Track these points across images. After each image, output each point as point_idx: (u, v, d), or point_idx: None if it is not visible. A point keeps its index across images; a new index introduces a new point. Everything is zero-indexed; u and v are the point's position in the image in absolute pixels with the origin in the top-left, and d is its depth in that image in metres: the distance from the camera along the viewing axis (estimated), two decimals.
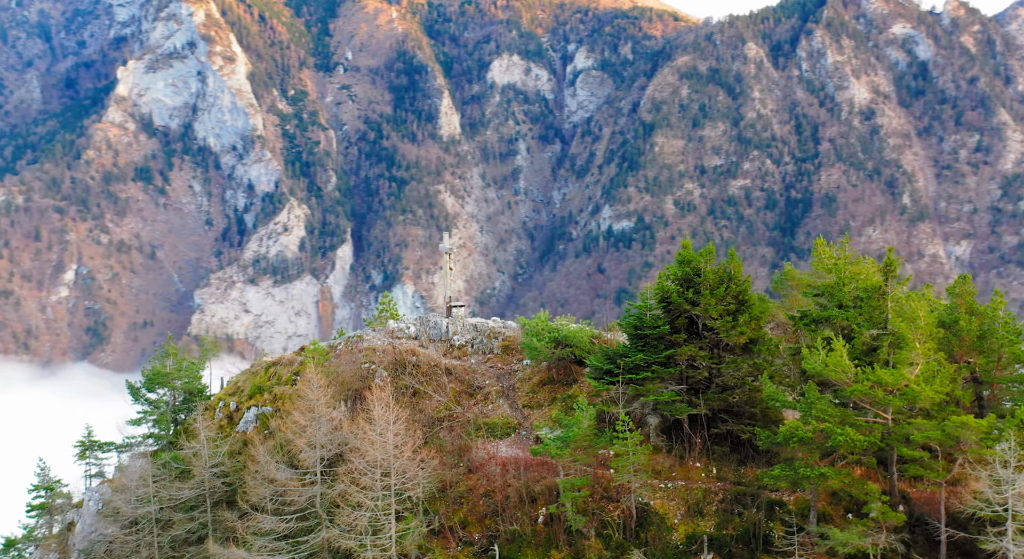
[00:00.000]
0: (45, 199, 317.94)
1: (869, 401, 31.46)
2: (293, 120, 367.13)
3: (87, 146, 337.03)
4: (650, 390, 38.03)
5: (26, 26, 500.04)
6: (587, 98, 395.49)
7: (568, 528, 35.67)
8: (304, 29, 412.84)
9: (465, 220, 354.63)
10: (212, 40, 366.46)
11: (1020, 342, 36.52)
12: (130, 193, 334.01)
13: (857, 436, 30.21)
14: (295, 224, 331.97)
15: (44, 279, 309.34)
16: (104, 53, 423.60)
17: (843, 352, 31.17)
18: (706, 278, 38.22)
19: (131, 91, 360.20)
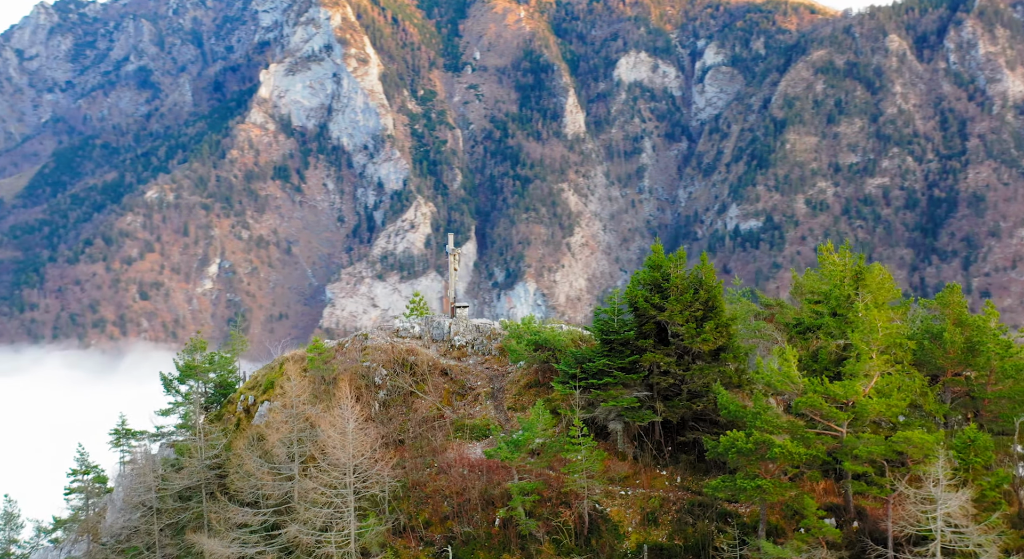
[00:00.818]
0: (193, 196, 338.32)
1: (818, 414, 30.61)
2: (422, 120, 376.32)
3: (231, 146, 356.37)
4: (611, 395, 37.58)
5: (181, 33, 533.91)
6: (716, 95, 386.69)
7: (521, 532, 35.66)
8: (434, 30, 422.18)
9: (588, 218, 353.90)
10: (347, 43, 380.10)
11: (1012, 356, 34.50)
12: (269, 191, 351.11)
13: (796, 449, 29.43)
14: (421, 221, 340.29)
15: (191, 272, 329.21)
16: (249, 57, 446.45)
17: (793, 363, 30.56)
18: (673, 283, 37.40)
19: (272, 93, 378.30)
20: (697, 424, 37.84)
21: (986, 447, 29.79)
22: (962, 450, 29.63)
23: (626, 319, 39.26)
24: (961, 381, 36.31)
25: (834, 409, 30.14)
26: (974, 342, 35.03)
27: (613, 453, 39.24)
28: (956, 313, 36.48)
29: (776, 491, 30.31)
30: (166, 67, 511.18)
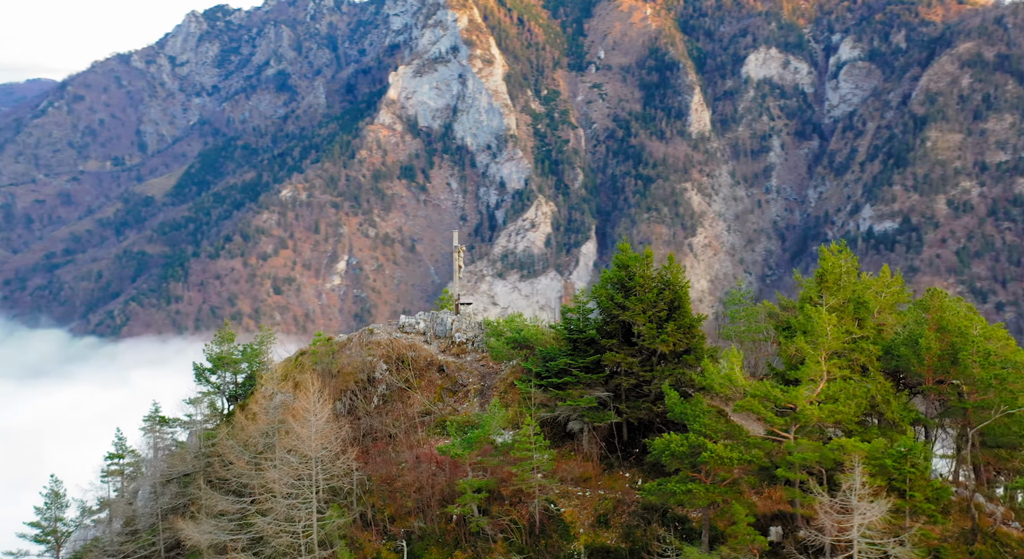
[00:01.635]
0: (324, 195, 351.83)
1: (758, 418, 29.47)
2: (544, 119, 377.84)
3: (361, 146, 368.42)
4: (570, 395, 36.90)
5: (317, 38, 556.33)
6: (850, 91, 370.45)
7: (472, 530, 35.29)
8: (559, 30, 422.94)
9: (712, 218, 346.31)
10: (473, 44, 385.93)
11: (995, 366, 32.19)
12: (395, 190, 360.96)
13: (727, 453, 28.46)
14: (542, 221, 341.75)
15: (321, 268, 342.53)
16: (380, 60, 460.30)
17: (736, 366, 29.62)
18: (637, 283, 36.57)
19: (400, 95, 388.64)
20: (664, 426, 36.96)
21: (924, 458, 28.34)
22: (898, 460, 28.18)
23: (593, 318, 38.58)
24: (940, 389, 34.65)
25: (771, 414, 29.08)
26: (953, 350, 33.55)
27: (579, 454, 38.57)
28: (936, 318, 34.76)
29: (706, 496, 29.59)
30: (303, 71, 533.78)
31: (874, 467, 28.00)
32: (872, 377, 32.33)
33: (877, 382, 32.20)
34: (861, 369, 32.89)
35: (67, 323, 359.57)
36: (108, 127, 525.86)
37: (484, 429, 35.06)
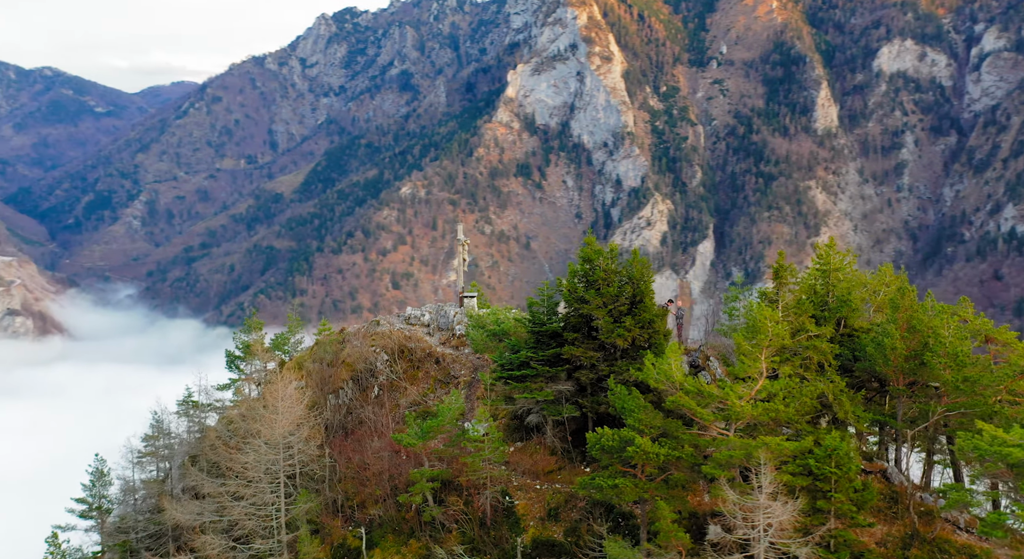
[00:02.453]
0: (442, 192, 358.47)
1: (690, 414, 28.87)
2: (663, 116, 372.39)
3: (478, 144, 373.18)
4: (529, 387, 36.50)
5: (440, 38, 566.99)
6: (994, 84, 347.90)
7: (432, 519, 35.56)
8: (680, 25, 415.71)
9: (837, 218, 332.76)
10: (592, 41, 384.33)
11: (964, 369, 30.35)
12: (511, 187, 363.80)
13: (654, 448, 28.09)
14: (658, 219, 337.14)
15: (438, 264, 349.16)
16: (500, 58, 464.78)
17: (673, 360, 29.27)
18: (598, 276, 35.78)
19: (518, 93, 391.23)
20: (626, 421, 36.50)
21: (849, 458, 27.26)
22: (821, 460, 27.17)
23: (560, 312, 38.42)
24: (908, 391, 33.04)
25: (700, 410, 28.47)
26: (920, 351, 31.92)
27: (544, 447, 38.73)
28: (906, 318, 32.89)
29: (635, 491, 29.16)
30: (425, 70, 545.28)
31: (798, 467, 27.62)
32: (827, 376, 31.32)
33: (830, 381, 31.14)
34: (818, 367, 31.99)
35: (202, 313, 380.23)
36: (243, 127, 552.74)
37: (440, 419, 35.44)
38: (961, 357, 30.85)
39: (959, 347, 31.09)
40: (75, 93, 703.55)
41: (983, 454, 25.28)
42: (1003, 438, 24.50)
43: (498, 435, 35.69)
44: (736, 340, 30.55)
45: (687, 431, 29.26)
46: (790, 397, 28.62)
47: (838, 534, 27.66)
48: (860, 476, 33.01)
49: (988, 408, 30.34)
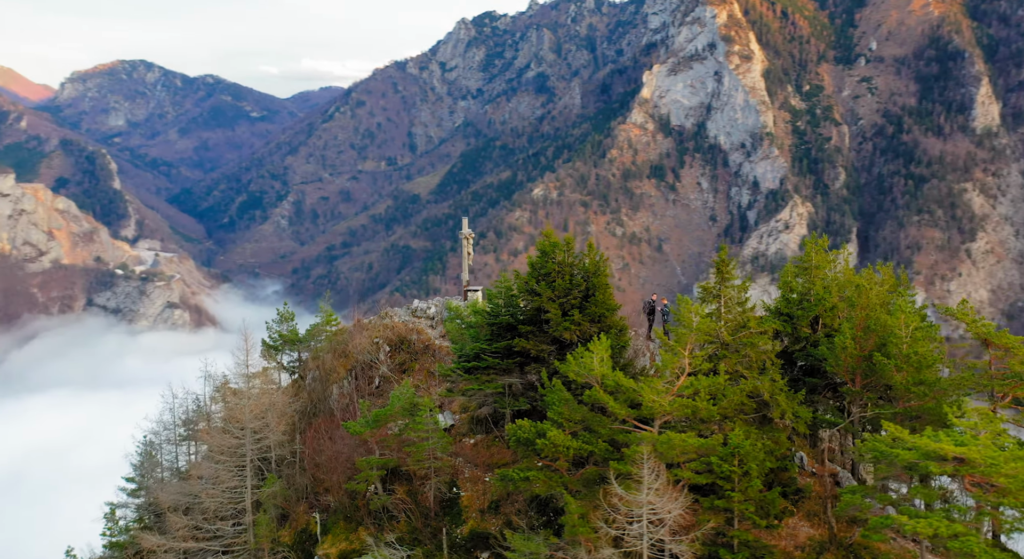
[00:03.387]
0: (574, 194, 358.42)
1: (604, 408, 28.75)
2: (805, 116, 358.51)
3: (612, 146, 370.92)
4: (479, 380, 35.99)
5: (577, 39, 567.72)
6: None
7: (380, 508, 35.58)
8: (827, 22, 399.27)
9: (996, 223, 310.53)
10: (731, 40, 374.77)
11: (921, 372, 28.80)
12: (644, 189, 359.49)
13: (566, 442, 27.91)
14: (797, 222, 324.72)
15: None
16: (636, 59, 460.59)
17: (595, 354, 28.69)
18: (550, 268, 34.90)
19: (653, 94, 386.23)
20: None
21: (753, 458, 26.57)
22: (725, 458, 26.78)
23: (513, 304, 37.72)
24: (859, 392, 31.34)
25: (613, 404, 27.88)
26: (871, 351, 30.30)
27: (502, 440, 38.17)
28: (863, 316, 31.09)
29: (544, 485, 28.86)
30: (561, 72, 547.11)
31: (701, 465, 26.99)
32: (768, 374, 29.79)
33: (770, 380, 29.59)
34: (760, 366, 30.69)
35: (342, 310, 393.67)
36: (384, 130, 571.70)
37: (388, 408, 35.50)
38: (917, 359, 29.20)
39: (917, 348, 29.44)
40: (233, 99, 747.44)
41: (878, 456, 23.99)
42: (904, 440, 23.11)
43: (442, 425, 35.81)
44: (656, 335, 29.67)
45: (607, 426, 28.75)
46: (720, 394, 28.11)
47: (737, 535, 26.98)
48: (811, 479, 33.07)
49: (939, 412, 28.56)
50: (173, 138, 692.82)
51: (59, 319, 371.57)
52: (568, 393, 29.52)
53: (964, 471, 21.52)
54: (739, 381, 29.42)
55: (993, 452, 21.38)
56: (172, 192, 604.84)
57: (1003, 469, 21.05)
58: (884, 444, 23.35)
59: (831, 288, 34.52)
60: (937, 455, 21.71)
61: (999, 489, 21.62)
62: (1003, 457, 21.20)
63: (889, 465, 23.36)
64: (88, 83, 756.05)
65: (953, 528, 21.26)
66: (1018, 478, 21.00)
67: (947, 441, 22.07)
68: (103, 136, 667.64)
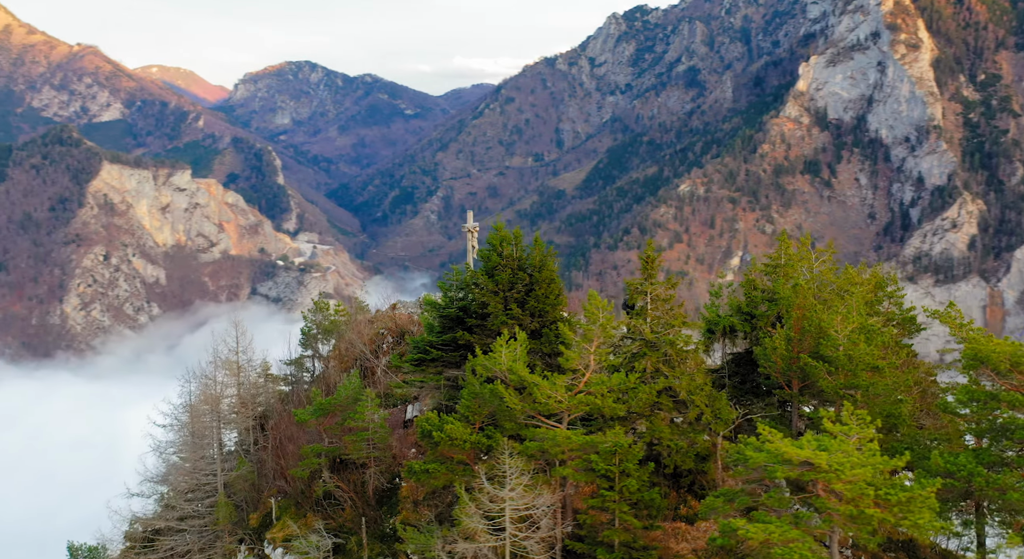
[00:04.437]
0: (722, 190, 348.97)
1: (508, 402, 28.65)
2: (978, 107, 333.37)
3: (763, 140, 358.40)
4: (424, 371, 36.39)
5: (730, 31, 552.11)
6: None
7: (326, 496, 35.74)
8: (1008, 5, 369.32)
9: None
10: (897, 28, 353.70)
11: (857, 374, 28.06)
12: (797, 185, 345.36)
13: (463, 435, 28.31)
14: (966, 220, 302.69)
15: (714, 263, 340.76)
16: (792, 51, 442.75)
17: (502, 350, 29.01)
18: (494, 262, 35.20)
19: (809, 86, 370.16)
20: None
21: (634, 454, 26.72)
22: (604, 456, 26.84)
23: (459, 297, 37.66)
24: (796, 395, 30.25)
25: (511, 398, 27.95)
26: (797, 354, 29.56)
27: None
28: (798, 318, 30.02)
29: (444, 476, 29.19)
30: (713, 66, 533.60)
31: (582, 462, 27.09)
32: (682, 373, 29.61)
33: (688, 378, 29.37)
34: (670, 364, 30.13)
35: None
36: (532, 126, 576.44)
37: (334, 398, 36.05)
38: (853, 362, 27.93)
39: (854, 350, 28.17)
40: (389, 97, 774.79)
41: (737, 458, 23.30)
42: (769, 447, 22.00)
43: (383, 415, 35.92)
44: (563, 331, 29.48)
45: (514, 420, 28.83)
46: (632, 392, 27.55)
47: (610, 535, 26.74)
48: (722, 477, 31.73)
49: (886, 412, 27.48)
50: (333, 135, 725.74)
51: (227, 307, 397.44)
52: (481, 387, 29.71)
53: (808, 476, 20.89)
54: (659, 379, 28.74)
55: (841, 458, 20.58)
56: (331, 187, 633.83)
57: (844, 475, 20.21)
58: (751, 447, 22.79)
59: (803, 288, 33.06)
60: (784, 459, 21.02)
61: (837, 495, 20.93)
62: (848, 463, 20.45)
63: (746, 468, 23.01)
64: (258, 84, 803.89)
65: (787, 535, 20.34)
66: (856, 485, 20.17)
67: (806, 446, 21.29)
68: (270, 134, 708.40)
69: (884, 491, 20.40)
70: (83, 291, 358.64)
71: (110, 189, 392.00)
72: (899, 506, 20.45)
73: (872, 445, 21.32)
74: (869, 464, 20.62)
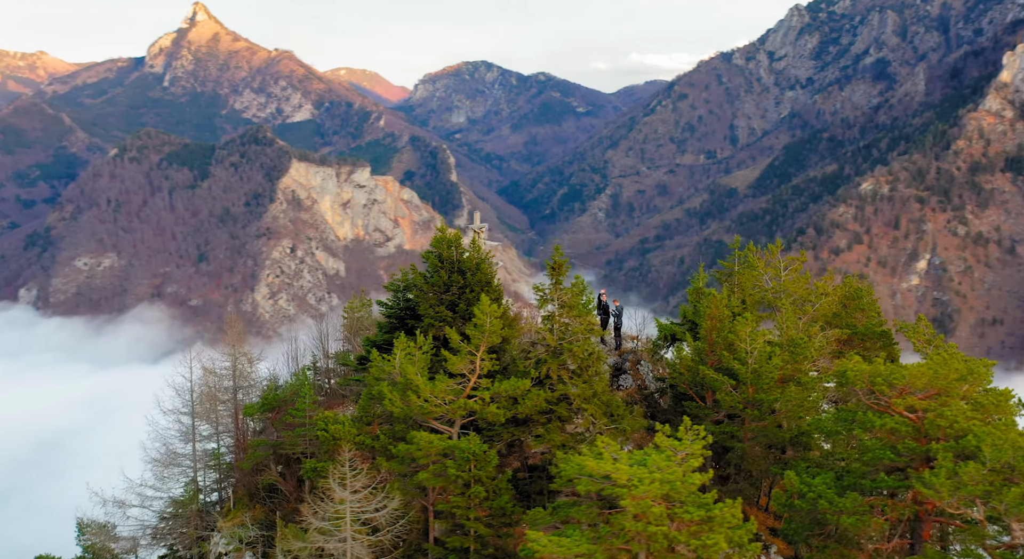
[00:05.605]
0: (908, 189, 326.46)
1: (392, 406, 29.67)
2: None
3: (958, 136, 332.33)
4: (366, 369, 34.58)
5: (926, 20, 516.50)
6: None
7: (272, 487, 36.87)
8: None
9: None
10: None
11: (761, 391, 27.03)
12: (996, 184, 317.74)
13: (346, 436, 29.33)
14: None
15: (897, 266, 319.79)
16: (997, 39, 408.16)
17: (398, 352, 29.87)
18: (431, 265, 35.12)
19: (1015, 77, 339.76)
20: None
21: (488, 461, 26.74)
22: (459, 462, 27.23)
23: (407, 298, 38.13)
24: (709, 409, 29.91)
25: (388, 401, 28.67)
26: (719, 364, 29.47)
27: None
28: (708, 328, 29.79)
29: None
30: (904, 57, 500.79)
31: (438, 467, 27.76)
32: (580, 381, 29.38)
33: (584, 386, 29.17)
34: (578, 370, 30.06)
35: (651, 302, 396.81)
36: (705, 123, 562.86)
37: (279, 393, 36.81)
38: (762, 375, 26.73)
39: (764, 365, 26.95)
40: (562, 95, 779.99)
41: (554, 471, 23.54)
42: (575, 459, 21.65)
43: (319, 412, 36.29)
44: (449, 334, 29.60)
45: (401, 423, 29.18)
46: (521, 398, 27.70)
47: (452, 541, 26.98)
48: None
49: (782, 436, 26.75)
50: (506, 133, 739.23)
51: None
52: (375, 388, 30.16)
53: (608, 490, 20.69)
54: (557, 387, 28.57)
55: (642, 473, 20.16)
56: (501, 184, 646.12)
57: (636, 491, 19.88)
58: (562, 459, 22.21)
59: (715, 297, 31.63)
60: (586, 472, 20.97)
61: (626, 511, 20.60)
62: (648, 479, 20.05)
63: (562, 481, 22.69)
64: (436, 84, 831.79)
65: (577, 549, 20.18)
66: (643, 502, 19.97)
67: (609, 459, 21.13)
68: (446, 132, 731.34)
69: (675, 509, 19.97)
70: (271, 281, 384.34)
71: (297, 186, 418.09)
72: (693, 526, 19.99)
73: (693, 461, 20.73)
74: (660, 479, 19.99)
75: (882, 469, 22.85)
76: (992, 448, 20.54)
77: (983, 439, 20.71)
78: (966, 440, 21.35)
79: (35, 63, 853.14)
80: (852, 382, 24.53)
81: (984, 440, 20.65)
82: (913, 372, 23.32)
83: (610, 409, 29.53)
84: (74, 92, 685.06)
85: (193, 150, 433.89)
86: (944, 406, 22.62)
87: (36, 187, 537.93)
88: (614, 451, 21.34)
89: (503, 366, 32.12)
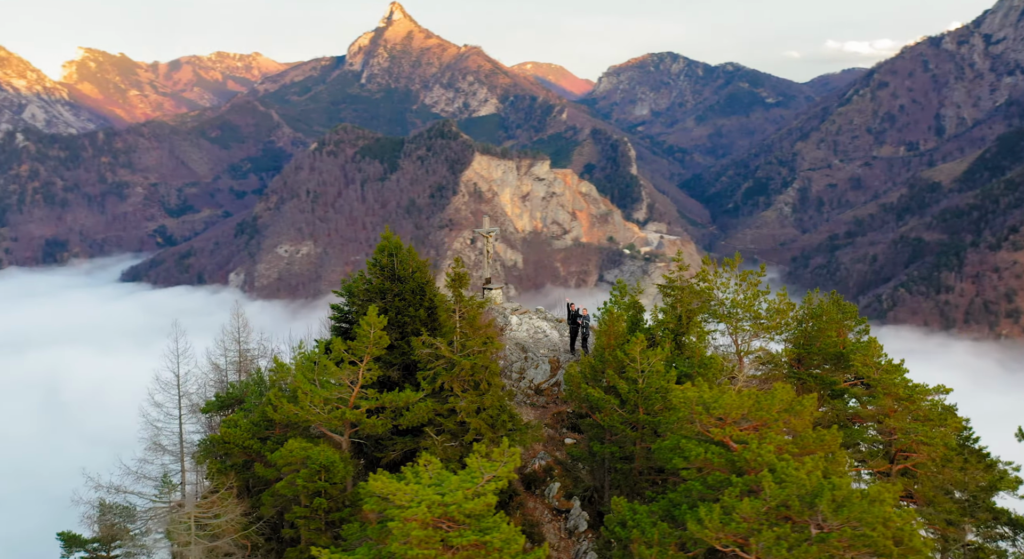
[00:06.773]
0: None
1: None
2: None
3: None
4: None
5: None
6: None
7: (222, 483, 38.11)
8: None
9: None
10: None
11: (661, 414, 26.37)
12: None
13: (245, 442, 29.64)
14: None
15: None
16: None
17: (294, 360, 30.41)
18: (372, 272, 35.19)
19: None
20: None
21: (337, 472, 26.38)
22: (310, 473, 26.74)
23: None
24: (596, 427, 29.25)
25: (269, 408, 29.08)
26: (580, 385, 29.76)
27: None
28: (603, 345, 29.20)
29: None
30: None
31: (301, 478, 28.01)
32: (485, 391, 29.58)
33: (470, 400, 29.33)
34: (475, 383, 30.07)
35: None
36: (907, 112, 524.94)
37: (233, 393, 37.06)
38: (647, 395, 26.75)
39: (653, 384, 26.81)
40: (750, 85, 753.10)
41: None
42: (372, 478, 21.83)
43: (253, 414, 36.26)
44: (333, 343, 29.82)
45: (294, 431, 29.68)
46: (405, 409, 28.43)
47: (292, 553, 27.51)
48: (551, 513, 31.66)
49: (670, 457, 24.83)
50: (690, 125, 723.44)
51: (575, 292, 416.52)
52: (271, 395, 30.13)
53: (390, 512, 20.52)
54: (448, 399, 28.84)
55: (424, 495, 19.99)
56: (683, 178, 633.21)
57: (406, 512, 19.67)
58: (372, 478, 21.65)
59: (612, 312, 30.93)
60: (376, 492, 20.91)
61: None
62: (427, 501, 19.76)
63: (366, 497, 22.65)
64: (620, 76, 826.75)
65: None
66: (409, 525, 19.90)
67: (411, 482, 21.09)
68: (629, 125, 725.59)
69: (449, 534, 19.57)
70: (452, 272, 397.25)
71: (479, 178, 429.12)
72: (466, 551, 19.66)
73: (491, 485, 20.41)
74: (434, 502, 19.53)
75: (697, 500, 21.70)
76: (773, 485, 19.48)
77: (766, 476, 19.75)
78: (756, 476, 20.40)
79: (251, 63, 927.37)
80: (676, 407, 23.88)
81: (767, 477, 19.69)
82: (732, 402, 22.07)
83: (497, 423, 28.94)
84: (282, 90, 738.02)
85: (384, 144, 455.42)
86: (764, 439, 21.64)
87: (247, 179, 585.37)
88: (433, 470, 21.15)
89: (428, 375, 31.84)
